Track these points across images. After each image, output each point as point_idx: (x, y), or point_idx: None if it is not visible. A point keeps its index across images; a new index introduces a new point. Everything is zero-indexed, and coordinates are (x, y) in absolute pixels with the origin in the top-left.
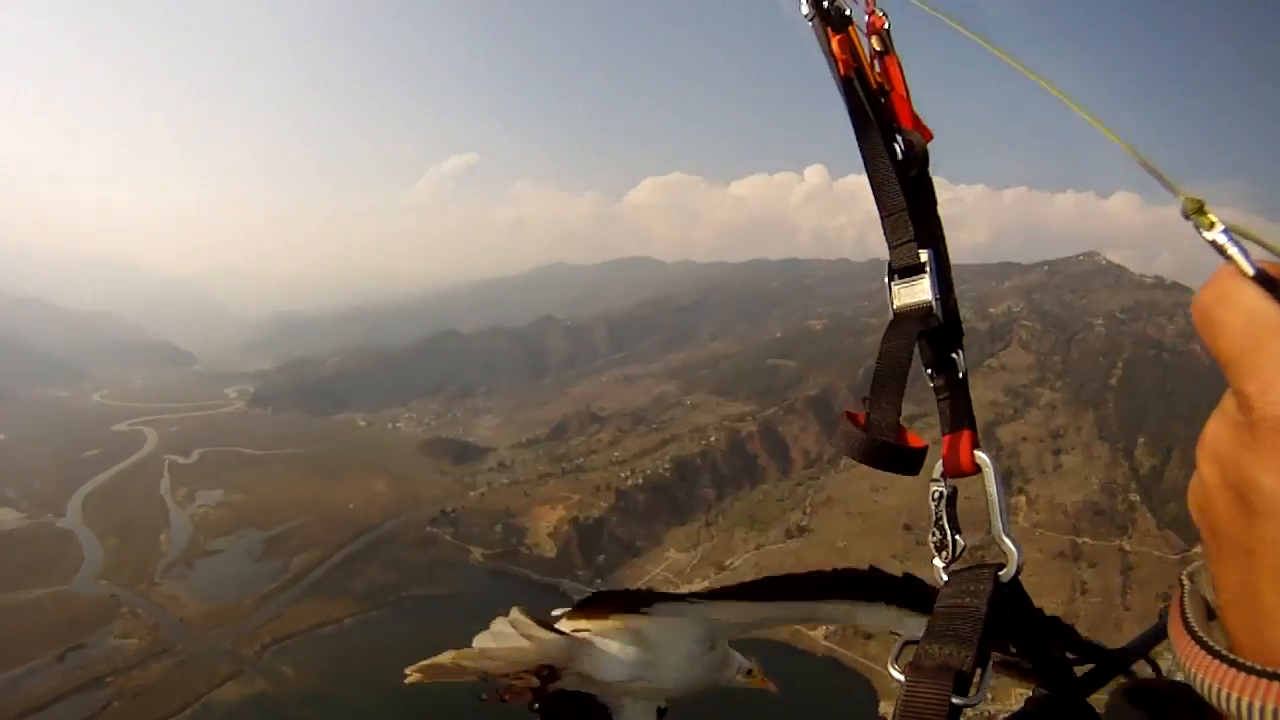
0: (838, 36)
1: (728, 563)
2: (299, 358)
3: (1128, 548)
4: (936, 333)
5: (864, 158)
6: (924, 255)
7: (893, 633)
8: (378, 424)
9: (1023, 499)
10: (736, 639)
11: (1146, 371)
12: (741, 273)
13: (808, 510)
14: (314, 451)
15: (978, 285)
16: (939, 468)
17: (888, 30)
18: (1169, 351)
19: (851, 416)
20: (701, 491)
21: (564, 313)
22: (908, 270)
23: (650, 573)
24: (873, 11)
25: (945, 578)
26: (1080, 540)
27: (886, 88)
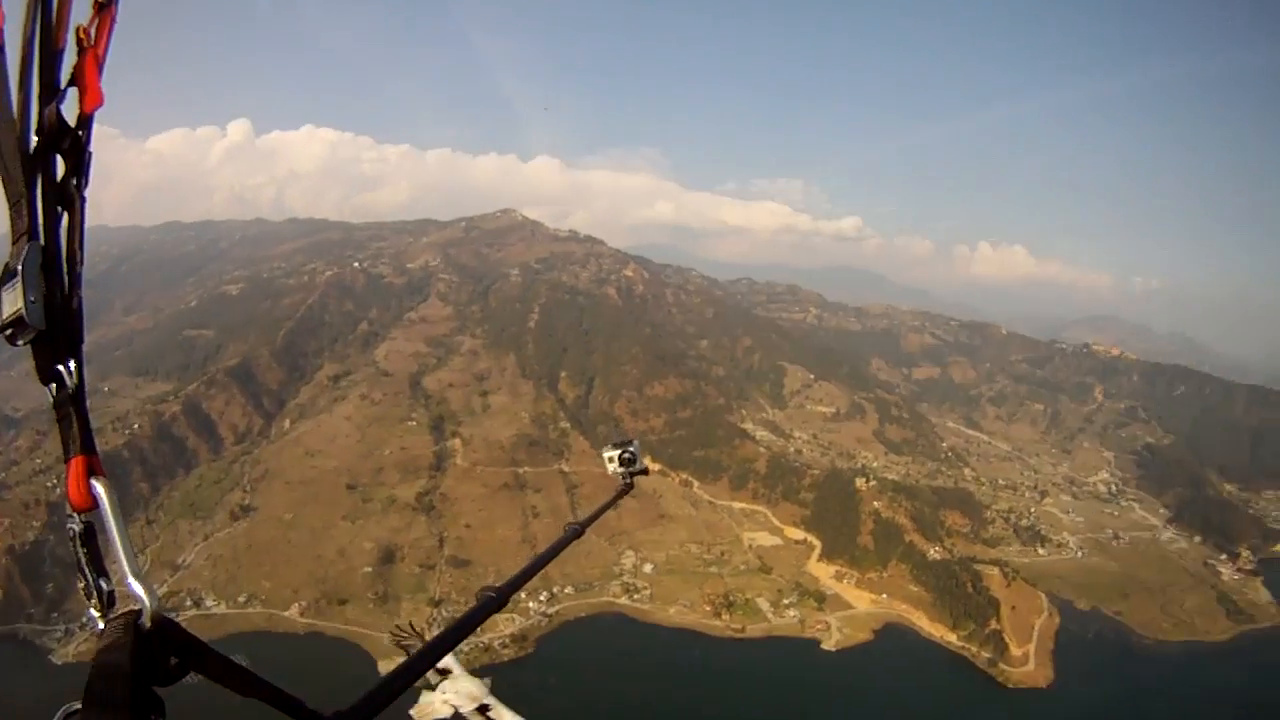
0: None
1: (180, 560)
2: None
3: (567, 469)
4: (41, 343)
5: None
6: (26, 251)
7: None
8: None
9: (458, 442)
10: None
11: (562, 313)
12: (155, 237)
13: (248, 488)
14: None
15: (396, 242)
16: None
17: None
18: (583, 295)
19: None
20: (135, 487)
21: None
22: (14, 272)
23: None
24: None
25: (101, 628)
26: (521, 470)
27: (88, 45)
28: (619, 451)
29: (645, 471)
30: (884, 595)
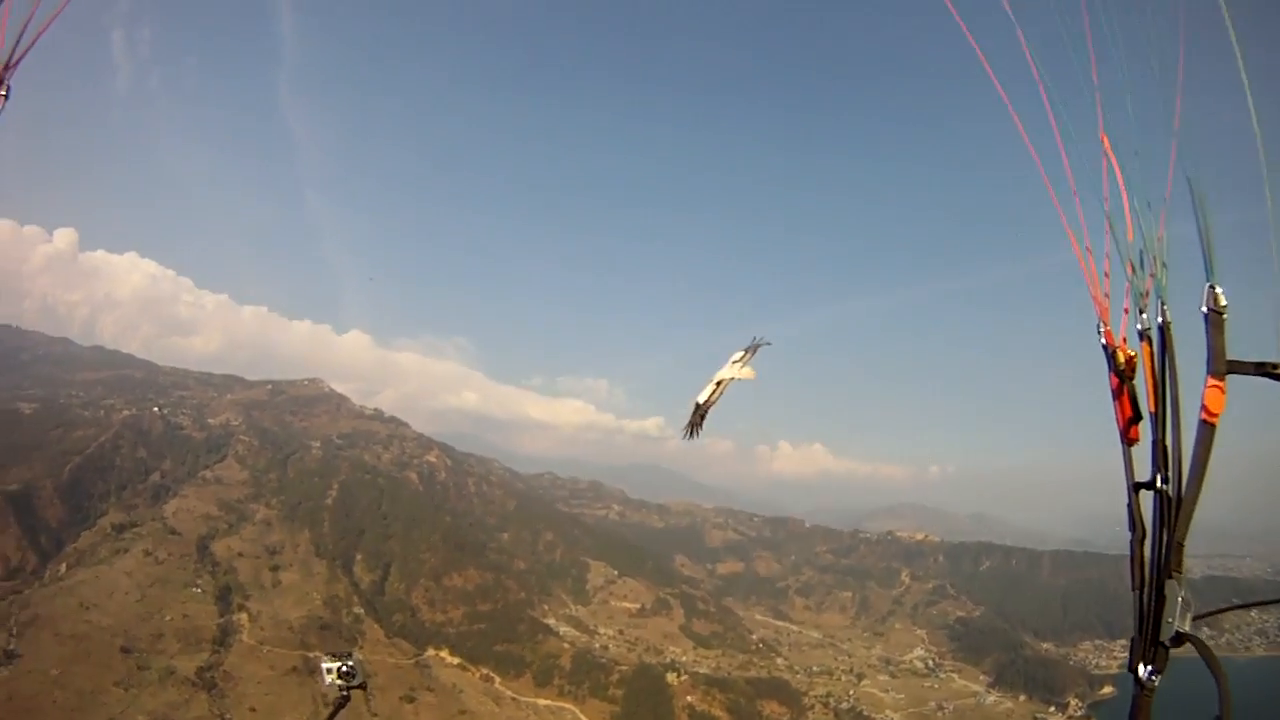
0: None
1: None
2: None
3: (361, 657)
4: None
5: None
6: None
7: None
8: None
9: (245, 616)
10: None
11: (361, 493)
12: None
13: (14, 631)
14: None
15: (200, 394)
16: None
17: None
18: (384, 476)
19: None
20: None
21: None
22: None
23: None
24: None
25: None
26: (312, 655)
27: None
28: (338, 665)
29: (363, 686)
30: None
